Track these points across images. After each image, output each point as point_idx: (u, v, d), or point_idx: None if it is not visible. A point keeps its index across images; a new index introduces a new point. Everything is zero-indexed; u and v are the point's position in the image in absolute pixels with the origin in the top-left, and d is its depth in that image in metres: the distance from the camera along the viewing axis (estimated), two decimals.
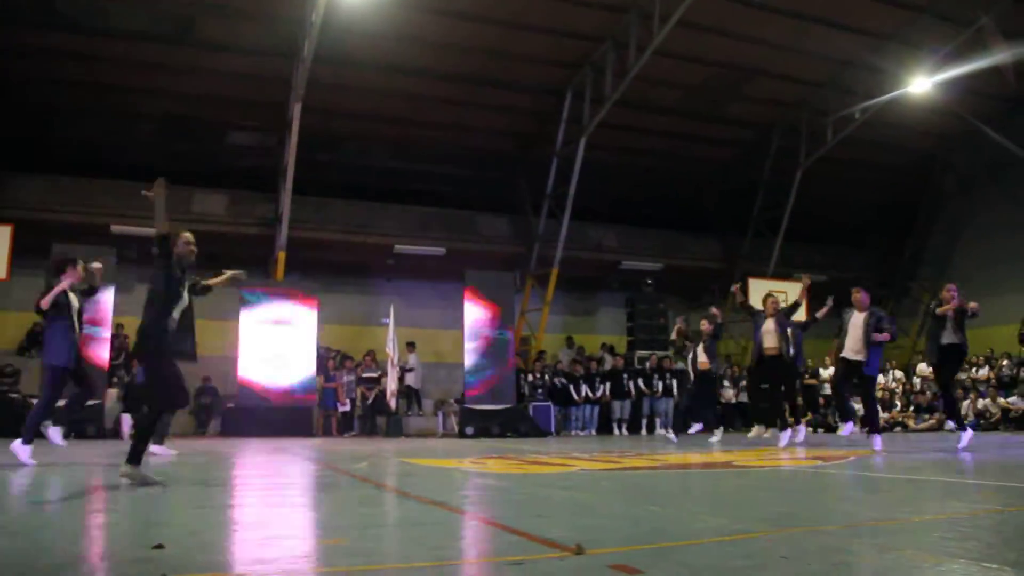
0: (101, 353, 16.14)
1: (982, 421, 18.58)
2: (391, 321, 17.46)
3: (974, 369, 20.58)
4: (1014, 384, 18.82)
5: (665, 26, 16.77)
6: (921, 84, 19.62)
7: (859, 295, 10.56)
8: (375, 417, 18.87)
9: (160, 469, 7.54)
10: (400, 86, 19.52)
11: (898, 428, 19.14)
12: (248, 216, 20.11)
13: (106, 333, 16.36)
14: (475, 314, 18.70)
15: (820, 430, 19.13)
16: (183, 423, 18.33)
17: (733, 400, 21.32)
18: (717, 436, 13.49)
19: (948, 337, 10.12)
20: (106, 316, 16.35)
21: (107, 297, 16.01)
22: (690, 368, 13.94)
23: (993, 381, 19.63)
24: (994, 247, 23.55)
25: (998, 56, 19.14)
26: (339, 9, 15.78)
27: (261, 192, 20.17)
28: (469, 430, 17.21)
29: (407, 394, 19.81)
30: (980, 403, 19.00)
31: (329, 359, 19.39)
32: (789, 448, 11.04)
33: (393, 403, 17.94)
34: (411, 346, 19.80)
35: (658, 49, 17.48)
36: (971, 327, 10.57)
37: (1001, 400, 18.64)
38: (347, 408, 19.21)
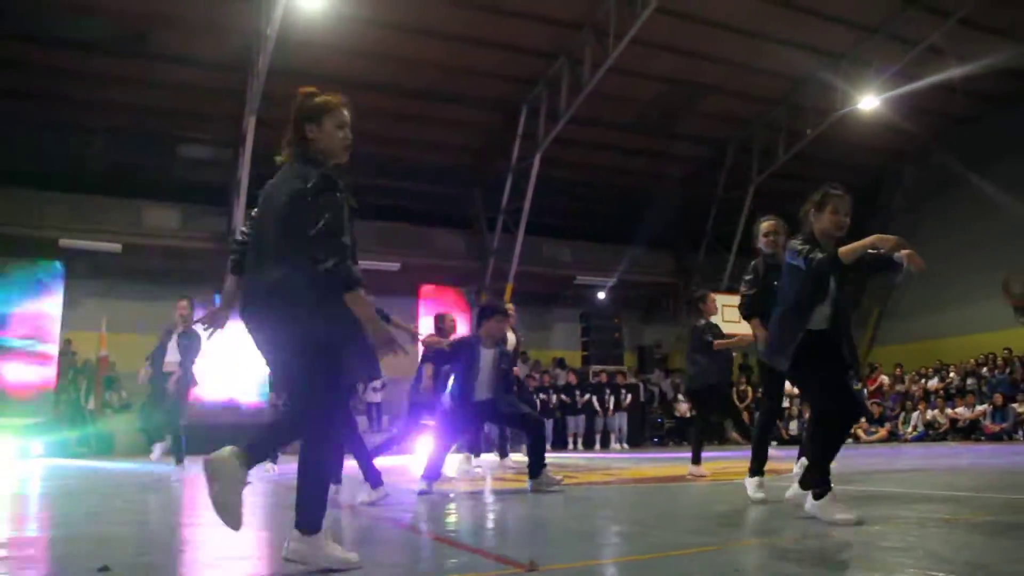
0: (43, 369, 15.77)
1: (930, 431, 18.88)
2: None
3: (924, 380, 20.90)
4: (962, 395, 19.13)
5: (620, 43, 16.89)
6: (871, 102, 19.97)
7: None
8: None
9: (107, 489, 7.42)
10: (355, 100, 19.15)
11: (849, 440, 19.36)
12: (201, 231, 19.86)
13: (50, 349, 16.01)
14: (429, 329, 18.58)
15: (774, 443, 19.28)
16: (129, 443, 18.06)
17: (687, 414, 21.46)
18: None
19: None
20: (49, 331, 16.00)
21: (54, 311, 15.74)
22: None
23: (941, 392, 19.94)
24: (941, 262, 23.94)
25: (946, 75, 19.57)
26: (295, 23, 15.69)
27: (214, 206, 19.93)
28: None
29: (366, 411, 19.70)
30: (929, 414, 19.30)
31: None
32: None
33: None
34: None
35: (613, 66, 17.59)
36: (919, 340, 10.65)
37: (948, 411, 18.95)
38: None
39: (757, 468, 5.65)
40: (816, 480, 4.38)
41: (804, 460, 5.20)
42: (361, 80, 18.70)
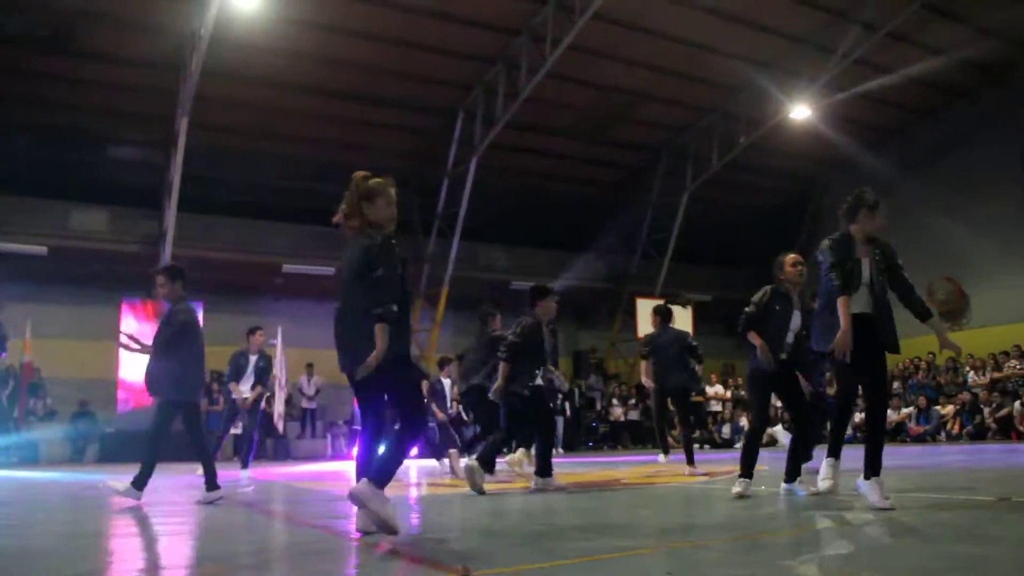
0: None
1: (859, 434, 19.26)
2: (279, 342, 17.09)
3: None
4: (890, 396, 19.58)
5: (556, 49, 17.00)
6: (801, 111, 20.38)
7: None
8: (263, 440, 18.47)
9: (31, 500, 7.23)
10: (291, 103, 19.25)
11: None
12: (130, 233, 19.44)
13: None
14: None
15: (707, 446, 19.55)
16: (57, 450, 17.62)
17: (622, 418, 21.69)
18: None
19: None
20: None
21: None
22: None
23: None
24: None
25: (875, 86, 20.07)
26: (229, 23, 15.48)
27: (145, 208, 19.52)
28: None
29: (300, 417, 19.57)
30: (857, 417, 19.70)
31: (213, 381, 18.93)
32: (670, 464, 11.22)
33: (281, 426, 17.56)
34: (309, 368, 19.61)
35: (550, 72, 17.69)
36: None
37: None
38: (238, 431, 18.78)
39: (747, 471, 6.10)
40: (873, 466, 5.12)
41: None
42: (297, 83, 18.56)
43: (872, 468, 5.06)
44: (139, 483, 6.51)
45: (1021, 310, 21.08)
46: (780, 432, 12.50)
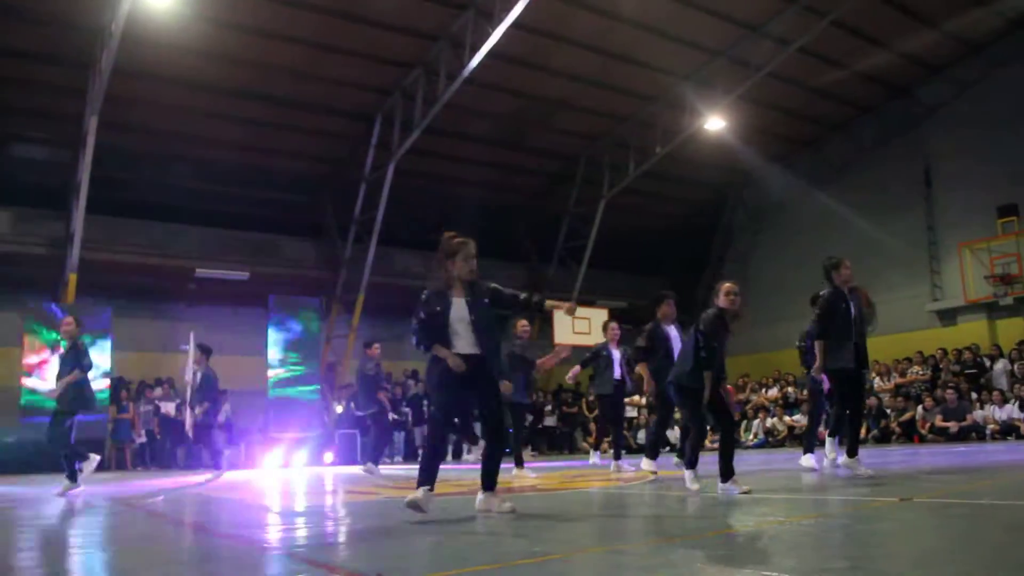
0: None
1: (770, 438, 19.72)
2: (191, 347, 16.70)
3: (764, 390, 21.82)
4: (799, 403, 20.03)
5: (475, 56, 17.01)
6: (715, 123, 20.75)
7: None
8: (174, 450, 18.10)
9: None
10: (205, 104, 18.88)
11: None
12: (35, 235, 18.79)
13: None
14: (279, 340, 18.31)
15: (623, 451, 19.69)
16: None
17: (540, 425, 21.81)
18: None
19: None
20: None
21: None
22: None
23: (780, 401, 20.87)
24: (780, 276, 25.17)
25: (787, 99, 20.61)
26: (142, 20, 15.07)
27: (51, 209, 18.89)
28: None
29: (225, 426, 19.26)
30: (768, 421, 20.18)
31: (123, 389, 18.48)
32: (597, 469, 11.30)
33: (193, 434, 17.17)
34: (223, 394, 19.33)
35: (468, 78, 17.68)
36: (760, 351, 11.06)
37: (787, 418, 19.84)
38: (143, 440, 18.38)
39: (692, 463, 6.85)
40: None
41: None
42: (212, 84, 18.23)
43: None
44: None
45: (922, 318, 21.88)
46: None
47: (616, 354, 11.30)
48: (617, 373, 11.22)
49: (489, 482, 5.61)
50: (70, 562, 4.28)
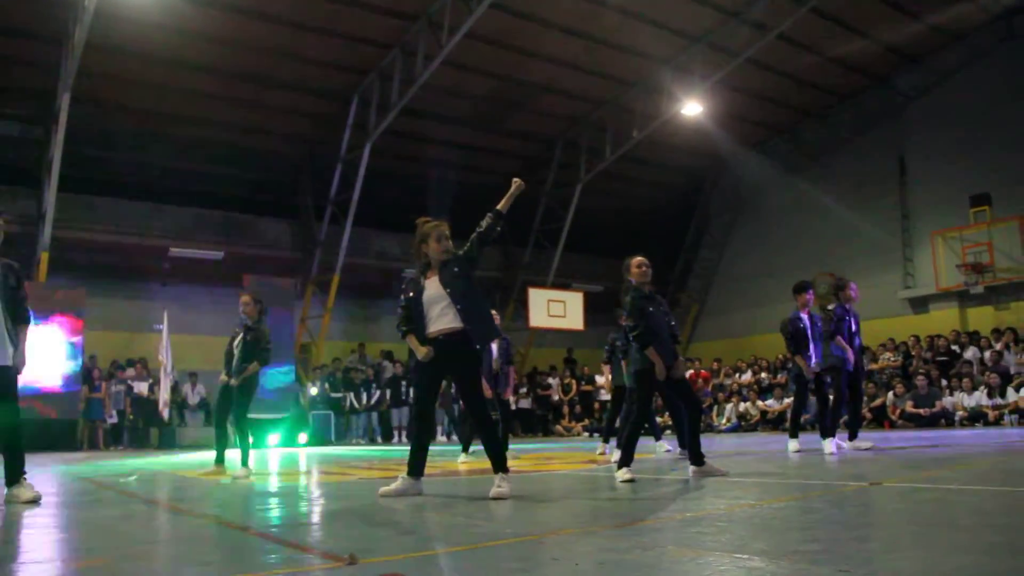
0: None
1: (743, 423, 19.86)
2: (165, 327, 16.57)
3: (737, 374, 21.96)
4: (772, 388, 20.18)
5: (453, 37, 16.92)
6: (693, 108, 20.77)
7: None
8: (147, 429, 18.01)
9: None
10: (181, 82, 18.67)
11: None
12: (6, 212, 18.45)
13: None
14: None
15: (596, 435, 19.78)
16: None
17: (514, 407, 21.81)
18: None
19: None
20: None
21: None
22: None
23: (754, 385, 21.01)
24: (755, 262, 25.36)
25: (764, 86, 20.65)
26: None
27: (23, 187, 18.66)
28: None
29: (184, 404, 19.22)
30: (742, 406, 20.32)
31: (95, 368, 18.33)
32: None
33: (166, 414, 17.09)
34: (193, 377, 19.35)
35: (446, 59, 17.60)
36: (733, 336, 11.14)
37: (760, 403, 19.98)
38: (114, 419, 18.26)
39: (626, 461, 6.51)
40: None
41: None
42: (188, 60, 18.05)
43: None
44: None
45: (894, 305, 22.07)
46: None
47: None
48: None
49: (497, 466, 5.60)
50: (35, 542, 4.25)
